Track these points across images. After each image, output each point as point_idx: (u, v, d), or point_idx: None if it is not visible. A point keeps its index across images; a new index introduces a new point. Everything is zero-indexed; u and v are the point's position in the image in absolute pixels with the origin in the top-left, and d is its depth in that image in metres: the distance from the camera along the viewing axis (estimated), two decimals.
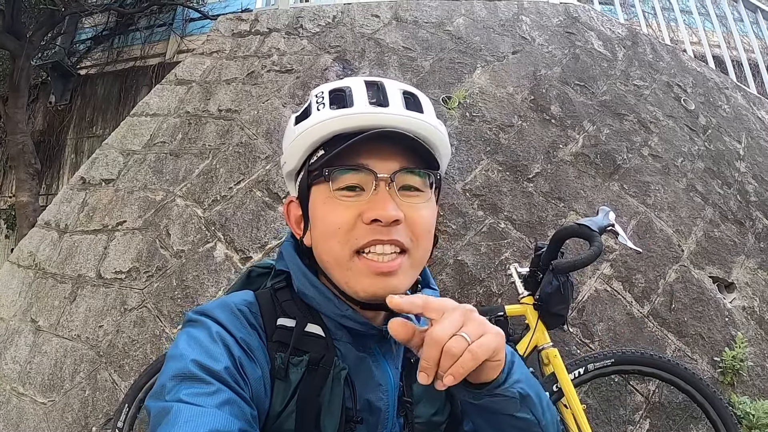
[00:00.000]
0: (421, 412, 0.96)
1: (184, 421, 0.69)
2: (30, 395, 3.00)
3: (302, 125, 0.88)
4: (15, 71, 6.33)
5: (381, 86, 0.89)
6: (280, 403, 0.83)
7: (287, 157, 0.93)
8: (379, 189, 0.83)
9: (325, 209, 0.85)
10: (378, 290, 0.83)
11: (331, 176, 0.84)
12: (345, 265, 0.84)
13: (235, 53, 3.97)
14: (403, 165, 0.86)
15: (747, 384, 2.72)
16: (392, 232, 0.83)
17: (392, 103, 0.87)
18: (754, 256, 3.22)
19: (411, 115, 0.87)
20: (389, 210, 0.82)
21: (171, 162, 3.48)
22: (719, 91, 4.15)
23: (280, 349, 0.85)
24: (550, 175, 3.16)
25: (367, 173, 0.84)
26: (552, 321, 2.13)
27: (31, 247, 3.55)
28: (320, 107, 0.87)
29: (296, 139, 0.89)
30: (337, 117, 0.85)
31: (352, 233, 0.83)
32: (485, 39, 3.82)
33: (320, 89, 0.91)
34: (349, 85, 0.89)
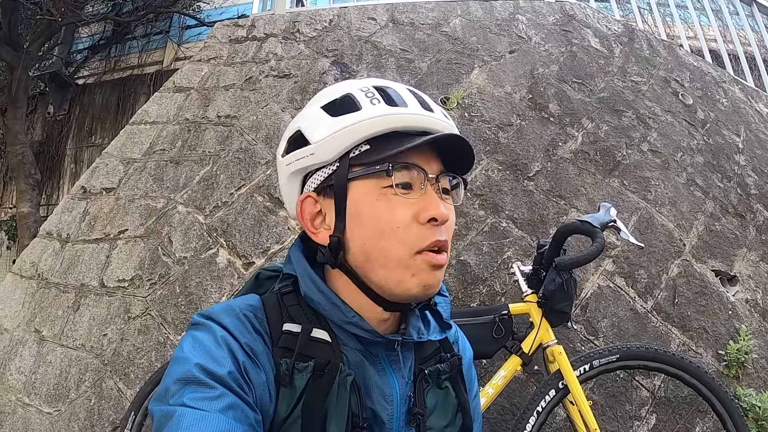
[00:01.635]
0: (434, 424, 0.95)
1: (187, 425, 0.69)
2: (36, 405, 3.00)
3: (350, 117, 0.85)
4: (13, 82, 6.35)
5: (417, 93, 0.91)
6: (285, 410, 0.82)
7: (319, 150, 0.87)
8: (426, 188, 0.85)
9: (379, 206, 0.84)
10: (432, 281, 0.85)
11: (393, 171, 0.83)
12: (405, 263, 0.83)
13: (233, 59, 3.98)
14: (441, 168, 0.88)
15: (752, 376, 2.72)
16: (443, 232, 0.85)
17: (435, 110, 0.89)
18: (755, 249, 3.22)
19: (451, 123, 0.91)
20: (443, 209, 0.84)
21: (171, 169, 3.49)
22: (717, 85, 4.16)
23: (285, 355, 0.84)
24: (551, 173, 3.16)
25: (419, 171, 0.85)
26: (556, 318, 2.13)
27: (33, 257, 3.55)
28: (375, 102, 0.86)
29: (342, 131, 0.85)
30: (397, 114, 0.85)
31: (409, 232, 0.83)
32: (482, 39, 3.82)
33: (364, 84, 0.90)
34: (391, 86, 0.90)
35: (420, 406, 0.92)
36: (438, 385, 0.96)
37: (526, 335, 2.14)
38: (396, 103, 0.86)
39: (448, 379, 0.98)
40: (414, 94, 0.90)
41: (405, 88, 0.91)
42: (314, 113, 0.90)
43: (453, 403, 0.98)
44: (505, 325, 2.11)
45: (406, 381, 0.93)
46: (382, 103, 0.86)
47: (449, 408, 0.97)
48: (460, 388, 1.00)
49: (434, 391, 0.96)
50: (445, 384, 0.97)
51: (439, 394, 0.96)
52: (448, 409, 0.97)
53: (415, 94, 0.91)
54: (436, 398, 0.96)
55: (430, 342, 0.97)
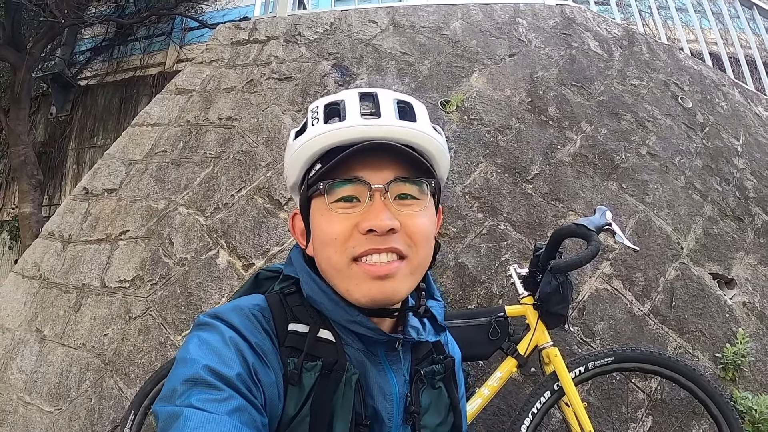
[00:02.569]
0: (428, 422, 0.98)
1: (193, 427, 0.69)
2: (36, 404, 3.02)
3: (299, 140, 0.91)
4: (16, 83, 6.39)
5: (375, 97, 0.91)
6: (293, 408, 0.83)
7: (288, 172, 0.96)
8: (374, 199, 0.85)
9: (322, 221, 0.87)
10: (377, 294, 0.86)
11: (326, 189, 0.86)
12: (344, 273, 0.86)
13: (234, 62, 4.00)
14: (397, 174, 0.87)
15: (749, 379, 2.73)
16: (389, 240, 0.85)
17: (385, 114, 0.88)
18: (753, 252, 3.23)
19: (403, 125, 0.89)
20: (384, 220, 0.83)
21: (173, 171, 3.51)
22: (716, 89, 4.17)
23: (292, 354, 0.86)
24: (549, 177, 3.18)
25: (361, 184, 0.86)
26: (552, 320, 2.14)
27: (35, 257, 3.57)
28: (314, 122, 0.89)
29: (294, 153, 0.91)
30: (329, 131, 0.87)
31: (349, 242, 0.85)
32: (482, 42, 3.84)
33: (316, 104, 0.93)
34: (343, 98, 0.91)
35: (416, 405, 0.95)
36: (432, 385, 0.99)
37: (522, 337, 2.15)
38: (336, 119, 0.88)
39: (441, 379, 1.01)
40: (365, 102, 0.90)
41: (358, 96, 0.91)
42: (290, 135, 0.95)
43: (446, 403, 1.01)
44: (501, 327, 2.12)
45: (404, 380, 0.95)
46: (319, 123, 0.89)
47: (442, 407, 1.01)
48: (452, 389, 1.03)
49: (428, 390, 0.99)
50: (439, 384, 1.00)
51: (433, 394, 0.99)
52: (441, 408, 1.00)
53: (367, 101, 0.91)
54: (430, 398, 0.99)
55: (424, 343, 1.00)
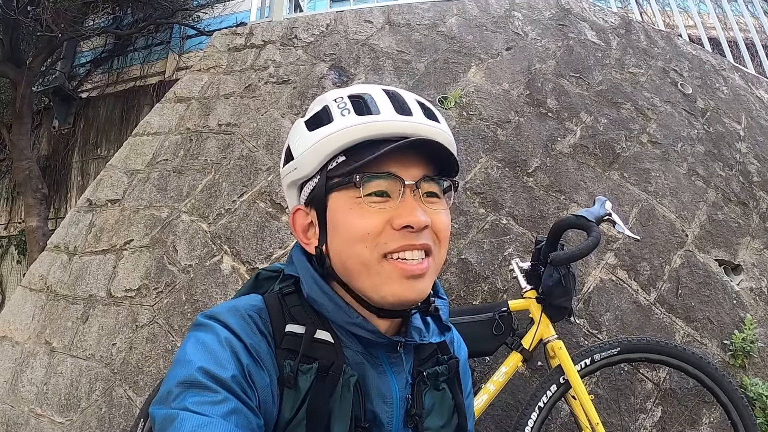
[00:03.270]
0: (431, 424, 0.96)
1: (188, 430, 0.69)
2: (48, 416, 3.04)
3: (323, 131, 0.87)
4: (17, 99, 6.43)
5: (398, 95, 0.91)
6: (289, 411, 0.83)
7: (300, 164, 0.91)
8: (405, 195, 0.85)
9: (351, 215, 0.85)
10: (409, 294, 0.85)
11: (362, 182, 0.84)
12: (374, 269, 0.84)
13: (232, 67, 4.01)
14: (425, 172, 0.88)
15: (758, 365, 2.71)
16: (422, 237, 0.85)
17: (415, 112, 0.89)
18: (759, 237, 3.21)
19: (432, 124, 0.90)
20: (420, 216, 0.83)
21: (174, 179, 3.52)
22: (716, 73, 4.14)
23: (288, 357, 0.85)
24: (550, 169, 3.17)
25: (395, 180, 0.85)
26: (556, 313, 2.13)
27: (41, 270, 3.59)
28: (345, 113, 0.87)
29: (315, 145, 0.88)
30: (366, 123, 0.85)
31: (380, 238, 0.84)
32: (478, 37, 3.83)
33: (338, 94, 0.91)
34: (369, 92, 0.90)
35: (418, 407, 0.93)
36: (435, 386, 0.98)
37: (526, 331, 2.15)
38: (369, 111, 0.86)
39: (445, 380, 0.99)
40: (391, 97, 0.90)
41: (384, 92, 0.91)
42: (298, 128, 0.93)
43: (449, 404, 0.99)
44: (505, 322, 2.12)
45: (405, 383, 0.94)
46: (351, 114, 0.86)
47: (446, 409, 0.99)
48: (456, 390, 1.01)
49: (431, 392, 0.97)
50: (443, 385, 0.99)
51: (437, 395, 0.98)
52: (444, 410, 0.99)
53: (393, 96, 0.90)
54: (433, 399, 0.97)
55: (428, 344, 0.99)
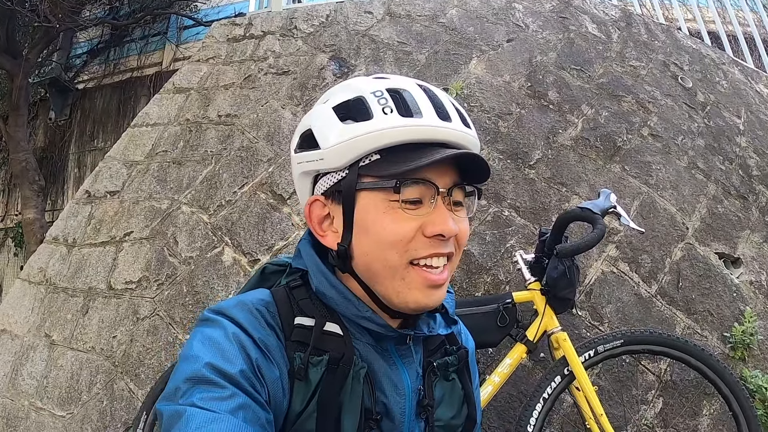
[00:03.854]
0: (441, 415, 0.96)
1: (195, 427, 0.68)
2: (48, 409, 3.04)
3: (362, 127, 0.83)
4: (13, 90, 6.39)
5: (435, 95, 0.88)
6: (300, 404, 0.82)
7: (329, 156, 0.86)
8: (437, 203, 0.83)
9: (386, 219, 0.83)
10: (429, 302, 0.86)
11: (401, 188, 0.81)
12: (399, 274, 0.84)
13: (231, 58, 3.99)
14: (456, 180, 0.86)
15: (758, 358, 2.73)
16: (449, 245, 0.85)
17: (453, 117, 0.87)
18: (759, 230, 3.22)
19: (467, 132, 0.88)
20: (451, 225, 0.83)
21: (174, 170, 3.51)
22: (716, 67, 4.15)
23: (298, 349, 0.84)
24: (551, 161, 3.17)
25: (429, 186, 0.83)
26: (560, 305, 2.14)
27: (40, 263, 3.58)
28: (387, 110, 0.83)
29: (353, 140, 0.83)
30: (410, 127, 0.82)
31: (411, 244, 0.82)
32: (479, 29, 3.82)
33: (374, 86, 0.87)
34: (406, 88, 0.87)
35: (429, 398, 0.93)
36: (445, 377, 0.98)
37: (530, 323, 2.15)
38: (410, 113, 0.83)
39: (455, 371, 0.99)
40: (430, 98, 0.87)
41: (421, 89, 0.87)
42: (326, 114, 0.87)
43: (459, 395, 1.00)
44: (509, 314, 2.12)
45: (416, 374, 0.94)
46: (394, 113, 0.83)
47: (456, 400, 0.99)
48: (466, 380, 1.01)
49: (441, 383, 0.97)
50: (452, 376, 0.99)
51: (447, 386, 0.98)
52: (454, 400, 0.99)
53: (431, 96, 0.87)
54: (443, 390, 0.97)
55: (436, 335, 0.99)
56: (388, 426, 0.89)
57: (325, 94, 0.94)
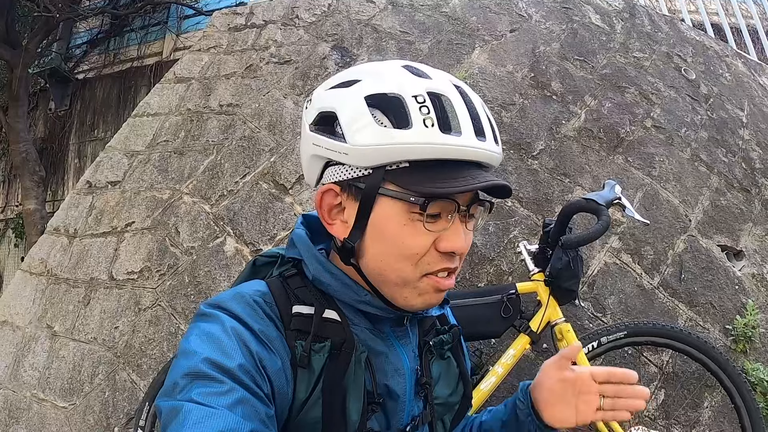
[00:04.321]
0: (439, 393, 0.99)
1: (193, 423, 0.67)
2: (50, 400, 3.04)
3: (398, 135, 0.79)
4: (13, 80, 6.36)
5: (472, 104, 0.85)
6: (304, 392, 0.82)
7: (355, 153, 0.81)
8: (454, 219, 0.83)
9: (405, 231, 0.82)
10: (434, 301, 0.88)
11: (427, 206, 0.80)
12: (411, 284, 0.85)
13: (233, 47, 3.97)
14: (474, 196, 0.86)
15: (759, 351, 2.73)
16: (457, 259, 0.86)
17: (487, 135, 0.84)
18: (761, 223, 3.21)
19: (497, 152, 0.86)
20: (464, 243, 0.85)
21: (175, 160, 3.50)
22: (719, 60, 4.13)
23: (298, 337, 0.84)
24: (555, 152, 3.16)
25: (451, 203, 0.82)
26: (563, 296, 2.13)
27: (41, 254, 3.57)
28: (428, 123, 0.79)
29: (386, 147, 0.79)
30: (449, 146, 0.79)
31: (425, 258, 0.83)
32: (482, 18, 3.80)
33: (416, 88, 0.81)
34: (447, 94, 0.82)
35: (427, 377, 0.95)
36: (441, 355, 1.00)
37: (534, 314, 2.15)
38: (450, 128, 0.80)
39: (450, 349, 1.01)
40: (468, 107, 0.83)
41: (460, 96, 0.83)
42: (357, 103, 0.82)
43: (455, 373, 1.02)
44: (513, 305, 2.12)
45: (413, 355, 0.96)
46: (435, 128, 0.79)
47: (452, 378, 1.02)
48: (461, 358, 1.04)
49: (438, 361, 0.99)
50: (447, 354, 1.01)
51: (442, 364, 1.00)
52: (451, 378, 1.01)
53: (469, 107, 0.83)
54: (440, 369, 1.00)
55: (428, 316, 1.01)
56: (391, 407, 0.90)
57: (348, 73, 0.88)
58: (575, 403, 0.98)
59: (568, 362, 1.01)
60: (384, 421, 0.90)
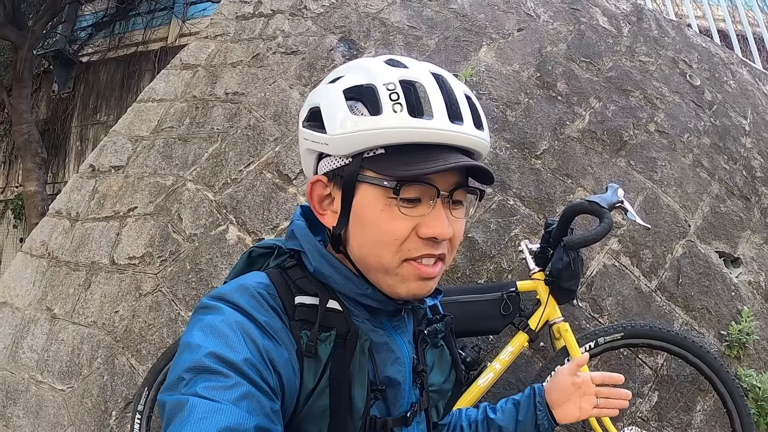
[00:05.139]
0: (434, 380, 1.03)
1: (197, 417, 0.67)
2: (48, 383, 3.06)
3: (370, 122, 0.82)
4: (18, 62, 6.34)
5: (450, 89, 0.86)
6: (312, 381, 0.83)
7: (333, 143, 0.85)
8: (436, 204, 0.84)
9: (382, 216, 0.83)
10: (419, 292, 0.88)
11: (400, 190, 0.81)
12: (393, 271, 0.85)
13: (240, 36, 3.97)
14: (459, 181, 0.86)
15: (753, 357, 2.75)
16: (441, 246, 0.86)
17: (465, 118, 0.85)
18: (759, 231, 3.23)
19: (480, 136, 0.87)
20: (446, 229, 0.84)
21: (180, 147, 3.50)
22: (725, 67, 4.14)
23: (303, 328, 0.84)
24: (558, 152, 3.17)
25: (429, 187, 0.83)
26: (563, 296, 2.15)
27: (43, 236, 3.58)
28: (397, 108, 0.81)
29: (359, 134, 0.82)
30: (419, 129, 0.81)
31: (405, 244, 0.83)
32: (490, 16, 3.81)
33: (388, 77, 0.84)
34: (421, 80, 0.85)
35: (423, 365, 0.98)
36: (434, 344, 1.04)
37: (533, 312, 2.17)
38: (421, 112, 0.82)
39: (443, 338, 1.05)
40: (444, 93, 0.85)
41: (435, 82, 0.85)
42: (335, 96, 0.86)
43: (448, 360, 1.06)
44: (513, 302, 2.14)
45: (410, 343, 0.98)
46: (404, 112, 0.81)
47: (445, 365, 1.05)
48: (453, 346, 1.07)
49: (431, 350, 1.03)
50: (440, 343, 1.05)
51: (436, 353, 1.04)
52: (444, 366, 1.05)
53: (445, 91, 0.85)
54: (433, 357, 1.04)
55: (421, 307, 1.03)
56: (392, 395, 0.92)
57: (337, 71, 0.93)
58: (579, 403, 1.15)
59: (579, 368, 1.18)
60: (384, 408, 0.92)
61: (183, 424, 0.67)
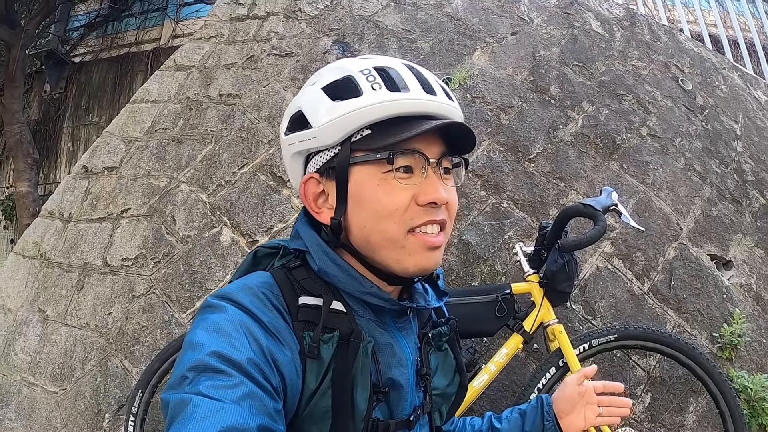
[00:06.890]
0: (437, 384, 1.02)
1: (200, 416, 0.67)
2: (41, 385, 3.04)
3: (353, 103, 0.86)
4: (10, 61, 6.29)
5: (420, 72, 0.92)
6: (314, 382, 0.83)
7: (321, 134, 0.88)
8: (428, 172, 0.87)
9: (380, 191, 0.86)
10: (428, 264, 0.89)
11: (393, 159, 0.85)
12: (399, 243, 0.87)
13: (234, 38, 3.97)
14: (444, 150, 0.90)
15: (745, 359, 2.78)
16: (441, 212, 0.89)
17: (438, 92, 0.91)
18: (750, 234, 3.26)
19: (452, 104, 0.92)
20: (443, 193, 0.87)
21: (173, 148, 3.49)
22: (716, 71, 4.18)
23: (306, 328, 0.85)
24: (551, 156, 3.19)
25: (419, 156, 0.87)
26: (557, 298, 2.17)
27: (35, 237, 3.56)
28: (375, 87, 0.87)
29: (344, 117, 0.86)
30: (398, 100, 0.86)
31: (407, 214, 0.86)
32: (484, 20, 3.82)
33: (362, 65, 0.90)
34: (392, 66, 0.91)
35: (427, 368, 0.98)
36: (439, 347, 1.03)
37: (527, 314, 2.18)
38: (398, 87, 0.87)
39: (447, 341, 1.05)
40: (415, 74, 0.91)
41: (406, 67, 0.92)
42: (315, 94, 0.90)
43: (452, 363, 1.05)
44: (508, 304, 2.15)
45: (415, 345, 0.98)
46: (383, 89, 0.87)
47: (449, 368, 1.05)
48: (457, 350, 1.07)
49: (435, 353, 1.03)
50: (445, 346, 1.04)
51: (440, 356, 1.04)
52: (448, 369, 1.05)
53: (416, 73, 0.91)
54: (437, 360, 1.03)
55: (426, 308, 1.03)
56: (395, 397, 0.92)
57: (313, 77, 0.97)
58: (583, 412, 1.16)
59: (584, 378, 1.19)
60: (387, 411, 0.92)
61: (186, 423, 0.67)
